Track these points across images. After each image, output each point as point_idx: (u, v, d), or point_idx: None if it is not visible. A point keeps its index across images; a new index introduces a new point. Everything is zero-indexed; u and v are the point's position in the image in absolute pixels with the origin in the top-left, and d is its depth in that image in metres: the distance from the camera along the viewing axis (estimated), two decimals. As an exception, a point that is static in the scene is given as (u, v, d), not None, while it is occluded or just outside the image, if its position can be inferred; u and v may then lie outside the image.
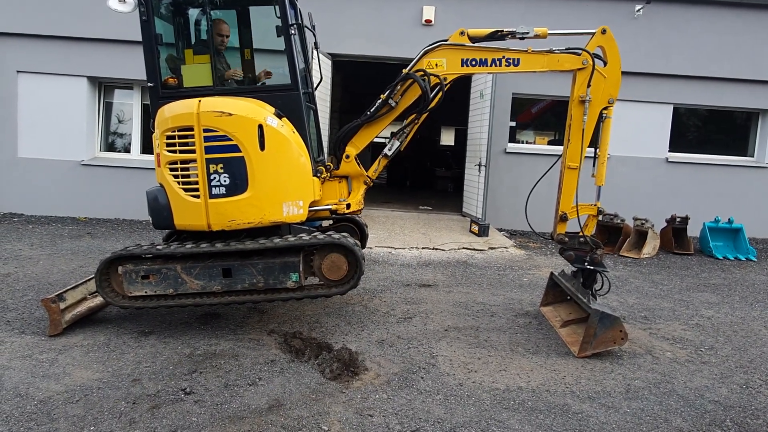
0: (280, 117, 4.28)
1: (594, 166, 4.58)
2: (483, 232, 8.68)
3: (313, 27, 4.92)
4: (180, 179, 4.18)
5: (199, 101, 4.10)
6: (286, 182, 4.27)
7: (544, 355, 4.22)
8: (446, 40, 4.64)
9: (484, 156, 9.20)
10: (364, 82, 14.57)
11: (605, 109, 4.51)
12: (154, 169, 4.37)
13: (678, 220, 8.68)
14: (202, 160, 4.09)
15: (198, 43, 4.71)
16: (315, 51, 5.13)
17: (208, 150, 4.08)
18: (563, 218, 4.63)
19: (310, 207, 4.48)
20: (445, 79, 4.64)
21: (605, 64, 4.52)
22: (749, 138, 10.46)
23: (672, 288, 6.51)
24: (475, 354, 4.19)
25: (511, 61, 4.57)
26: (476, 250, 7.87)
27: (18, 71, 9.25)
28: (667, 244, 8.68)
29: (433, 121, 12.35)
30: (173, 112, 4.14)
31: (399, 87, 4.64)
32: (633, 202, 9.47)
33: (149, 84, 4.39)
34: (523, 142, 10.60)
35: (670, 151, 10.02)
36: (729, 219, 8.67)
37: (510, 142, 9.99)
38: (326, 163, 4.89)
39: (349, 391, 3.50)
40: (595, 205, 4.62)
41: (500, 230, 9.56)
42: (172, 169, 4.18)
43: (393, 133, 4.96)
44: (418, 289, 5.93)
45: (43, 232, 8.12)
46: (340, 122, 13.82)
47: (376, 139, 5.08)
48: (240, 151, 4.09)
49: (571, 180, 4.59)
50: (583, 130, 4.49)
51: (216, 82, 4.40)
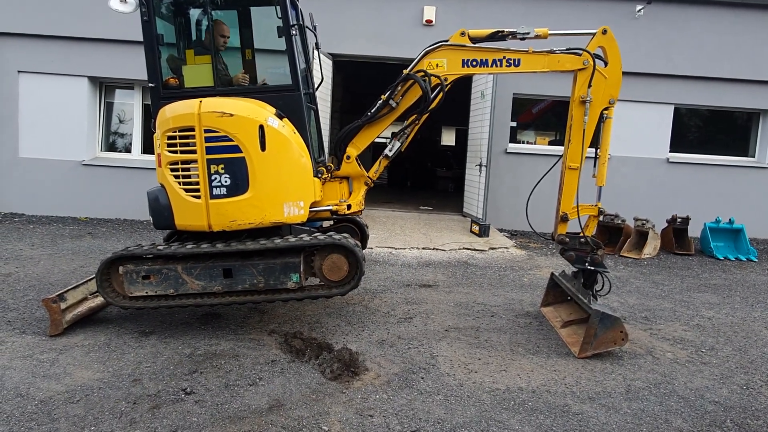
0: (281, 118, 4.28)
1: (595, 166, 4.58)
2: (483, 232, 8.67)
3: (314, 27, 4.92)
4: (181, 179, 4.18)
5: (200, 102, 4.10)
6: (287, 183, 4.27)
7: (544, 356, 4.22)
8: (447, 41, 4.65)
9: (485, 156, 9.20)
10: (364, 82, 14.57)
11: (606, 109, 4.51)
12: (154, 169, 4.37)
13: (679, 220, 8.67)
14: (203, 161, 4.09)
15: (199, 44, 4.71)
16: (316, 51, 5.14)
17: (209, 150, 4.08)
18: (564, 219, 4.63)
19: (311, 208, 4.48)
20: (446, 80, 4.64)
21: (606, 64, 4.52)
22: (750, 138, 10.45)
23: (672, 288, 6.50)
24: (476, 354, 4.19)
25: (512, 62, 4.57)
26: (477, 250, 7.87)
27: (19, 71, 9.26)
28: (668, 244, 8.68)
29: (433, 121, 12.37)
30: (174, 113, 4.14)
31: (400, 87, 4.64)
32: (634, 202, 9.47)
33: (150, 84, 4.39)
34: (523, 143, 10.60)
35: (670, 152, 10.02)
36: (730, 219, 8.66)
37: (511, 142, 9.99)
38: (327, 164, 4.89)
39: (349, 392, 3.50)
40: (596, 206, 4.62)
41: (501, 230, 9.56)
42: (173, 170, 4.18)
43: (394, 133, 4.96)
44: (418, 289, 5.93)
45: (44, 232, 8.13)
46: (341, 122, 13.83)
47: (377, 140, 5.09)
48: (241, 152, 4.09)
49: (572, 180, 4.59)
50: (584, 130, 4.49)
51: (217, 83, 4.40)
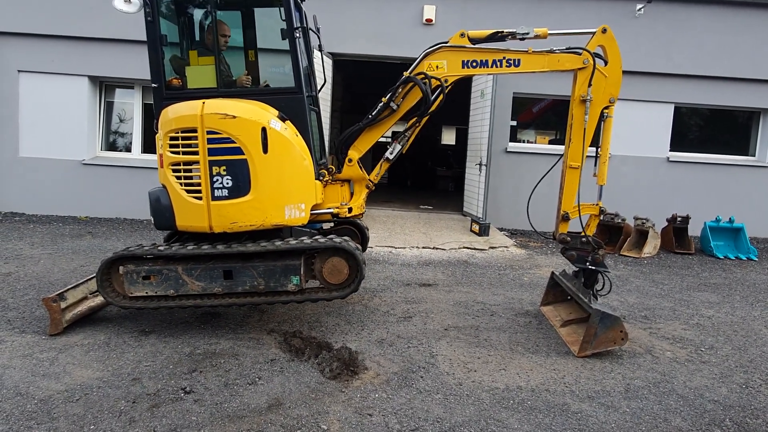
0: (284, 120, 4.28)
1: (596, 165, 4.58)
2: (483, 231, 8.68)
3: (318, 29, 4.92)
4: (182, 180, 4.17)
5: (203, 103, 4.09)
6: (288, 185, 4.26)
7: (543, 355, 4.22)
8: (447, 42, 4.65)
9: (485, 155, 9.20)
10: (365, 81, 14.57)
11: (606, 108, 4.51)
12: (155, 168, 4.38)
13: (679, 219, 8.67)
14: (205, 162, 4.09)
15: (202, 44, 4.71)
16: (319, 53, 5.13)
17: (211, 152, 4.08)
18: (565, 218, 4.63)
19: (312, 210, 4.49)
20: (446, 81, 4.64)
21: (606, 63, 4.52)
22: (750, 137, 10.44)
23: (672, 287, 6.50)
24: (475, 353, 4.20)
25: (512, 62, 4.57)
26: (477, 249, 7.87)
27: (19, 71, 9.26)
28: (668, 243, 8.67)
29: (434, 121, 12.36)
30: (177, 114, 4.14)
31: (400, 90, 4.65)
32: (634, 201, 9.47)
33: (153, 85, 4.38)
34: (524, 142, 10.60)
35: (671, 151, 10.01)
36: (730, 218, 8.66)
37: (511, 141, 9.99)
38: (328, 166, 4.90)
39: (348, 391, 3.50)
40: (597, 205, 4.62)
41: (501, 230, 9.56)
42: (174, 170, 4.18)
43: (394, 132, 4.96)
44: (418, 288, 5.93)
45: (44, 231, 8.14)
46: (341, 122, 13.83)
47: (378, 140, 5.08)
48: (243, 154, 4.08)
49: (573, 180, 4.59)
50: (585, 129, 4.49)
51: (220, 84, 4.39)
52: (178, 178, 4.18)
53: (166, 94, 4.37)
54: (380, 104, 4.69)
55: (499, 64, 4.59)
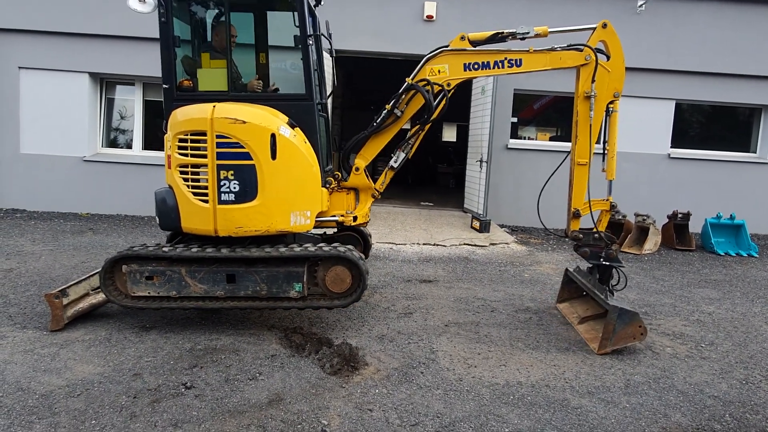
0: (293, 127, 4.27)
1: (603, 161, 4.57)
2: (484, 228, 8.67)
3: (330, 35, 4.90)
4: (190, 183, 4.17)
5: (214, 107, 4.08)
6: (295, 192, 4.26)
7: (543, 351, 4.23)
8: (447, 46, 4.64)
9: (486, 152, 9.19)
10: (366, 78, 14.56)
11: (611, 103, 4.51)
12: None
13: (680, 216, 8.66)
14: (213, 166, 4.08)
15: (213, 47, 4.69)
16: (330, 58, 5.11)
17: (220, 156, 4.07)
18: (576, 215, 4.63)
19: (317, 217, 4.49)
20: (449, 85, 4.64)
21: (608, 58, 4.51)
22: (752, 134, 10.42)
23: (673, 284, 6.50)
24: (475, 349, 4.20)
25: (514, 62, 4.56)
26: (477, 246, 7.87)
27: (20, 67, 9.25)
28: (669, 240, 8.67)
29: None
30: (187, 116, 4.13)
31: (403, 96, 4.64)
32: (634, 198, 9.46)
33: (164, 86, 4.35)
34: (524, 138, 10.58)
35: (672, 147, 10.00)
36: (731, 215, 8.65)
37: (512, 138, 9.97)
38: (335, 173, 4.89)
39: (349, 386, 3.51)
40: (608, 200, 4.62)
41: (501, 226, 9.56)
42: (182, 172, 4.18)
43: (405, 138, 4.93)
44: (418, 284, 5.94)
45: (46, 228, 8.15)
46: (342, 118, 13.82)
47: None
48: (251, 159, 4.07)
49: (582, 176, 4.59)
50: (590, 125, 4.48)
51: (231, 88, 4.38)
52: (186, 180, 4.17)
53: (176, 95, 4.35)
54: (384, 111, 4.69)
55: (500, 65, 4.58)
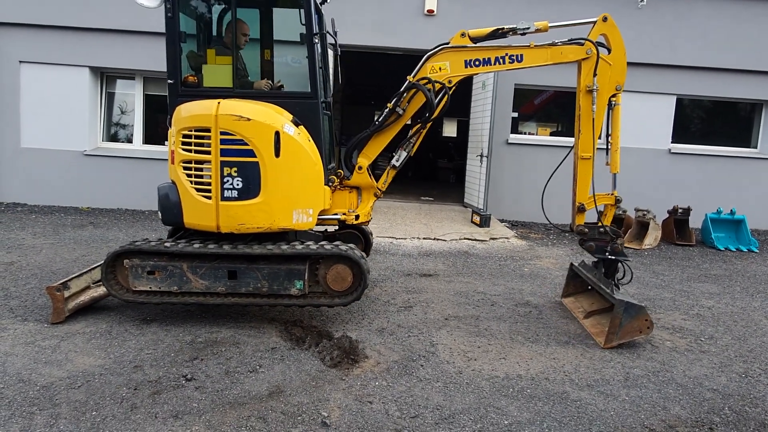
0: (297, 125, 4.27)
1: (607, 154, 4.56)
2: (484, 222, 8.67)
3: (335, 33, 4.89)
4: (193, 179, 4.16)
5: (219, 103, 4.07)
6: (297, 190, 4.26)
7: (543, 344, 4.23)
8: (448, 44, 4.62)
9: (486, 147, 9.18)
10: (366, 72, 14.52)
11: (613, 96, 4.50)
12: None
13: (680, 211, 8.66)
14: (217, 162, 4.07)
15: (220, 43, 4.67)
16: (336, 56, 5.10)
17: (224, 153, 4.06)
18: (581, 209, 4.63)
19: (319, 215, 4.49)
20: (450, 82, 4.63)
21: (609, 51, 4.49)
22: (752, 129, 10.40)
23: (673, 278, 6.51)
24: (475, 342, 4.21)
25: (515, 58, 4.55)
26: (477, 240, 7.88)
27: (20, 61, 9.24)
28: (669, 235, 8.67)
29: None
30: (191, 112, 4.12)
31: (405, 95, 4.63)
32: (635, 193, 9.41)
33: (169, 81, 4.34)
34: (525, 133, 10.57)
35: (672, 142, 9.98)
36: (731, 210, 8.65)
37: (512, 133, 9.96)
38: (337, 171, 4.89)
39: (349, 379, 3.52)
40: (613, 194, 4.63)
41: (501, 221, 9.56)
42: (185, 168, 4.17)
43: (407, 136, 4.92)
44: (418, 278, 5.95)
45: (46, 222, 8.15)
46: (342, 113, 13.81)
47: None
48: (255, 157, 4.07)
49: (586, 170, 4.59)
50: (593, 119, 4.47)
51: (236, 84, 4.37)
52: (189, 176, 4.17)
53: (181, 90, 4.34)
54: (386, 110, 4.69)
55: (501, 61, 4.56)
